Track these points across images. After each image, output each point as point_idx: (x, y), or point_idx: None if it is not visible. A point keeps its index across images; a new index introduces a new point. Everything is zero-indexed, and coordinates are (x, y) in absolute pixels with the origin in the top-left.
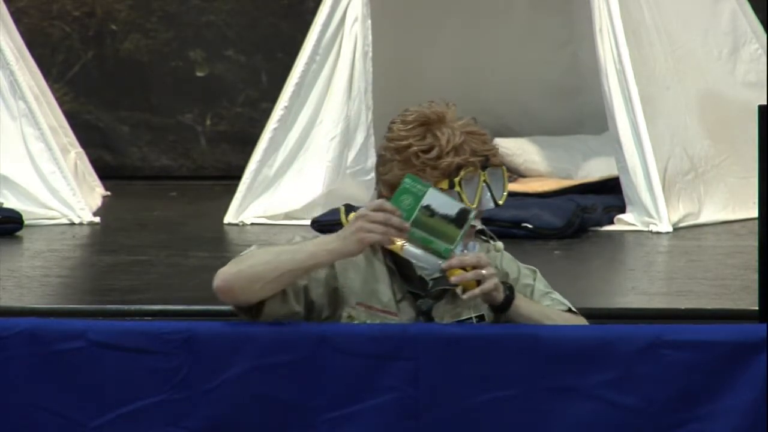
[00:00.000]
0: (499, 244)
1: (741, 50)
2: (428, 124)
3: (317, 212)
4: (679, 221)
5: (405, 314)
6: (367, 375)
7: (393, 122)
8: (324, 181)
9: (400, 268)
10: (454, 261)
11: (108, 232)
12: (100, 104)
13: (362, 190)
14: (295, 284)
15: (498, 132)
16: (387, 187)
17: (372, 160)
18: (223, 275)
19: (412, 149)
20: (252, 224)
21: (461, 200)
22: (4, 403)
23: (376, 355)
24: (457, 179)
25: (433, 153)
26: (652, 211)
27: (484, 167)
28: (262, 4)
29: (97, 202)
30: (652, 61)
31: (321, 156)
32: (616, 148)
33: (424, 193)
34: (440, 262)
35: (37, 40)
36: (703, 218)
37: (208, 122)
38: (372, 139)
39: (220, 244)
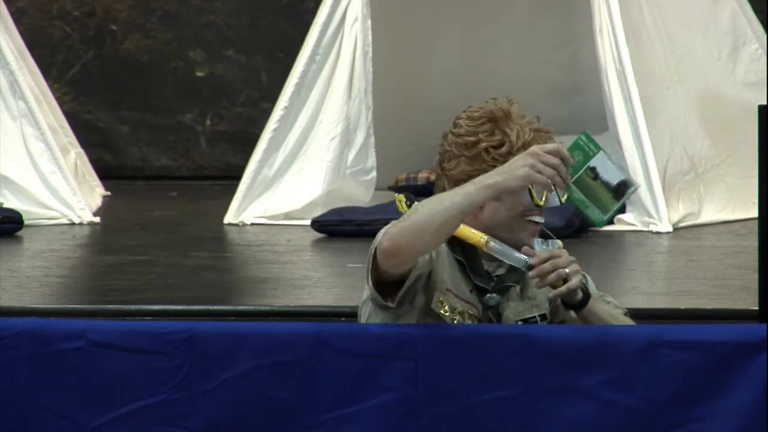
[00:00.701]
0: (559, 242)
1: (741, 50)
2: (495, 120)
3: (317, 212)
4: (679, 221)
5: (480, 306)
6: (367, 375)
7: (459, 118)
8: (324, 181)
9: (468, 261)
10: (545, 254)
11: (108, 232)
12: (100, 104)
13: (362, 190)
14: None
15: None
16: (451, 182)
17: (372, 160)
18: (389, 235)
19: (482, 145)
20: (252, 224)
21: (531, 197)
22: (4, 402)
23: (376, 355)
24: None
25: (504, 149)
26: (652, 211)
27: None
28: (262, 4)
29: (97, 202)
30: (652, 61)
31: (321, 156)
32: (616, 148)
33: (595, 154)
34: (525, 258)
35: (37, 40)
36: (703, 218)
37: (208, 122)
38: (372, 139)
39: (220, 244)
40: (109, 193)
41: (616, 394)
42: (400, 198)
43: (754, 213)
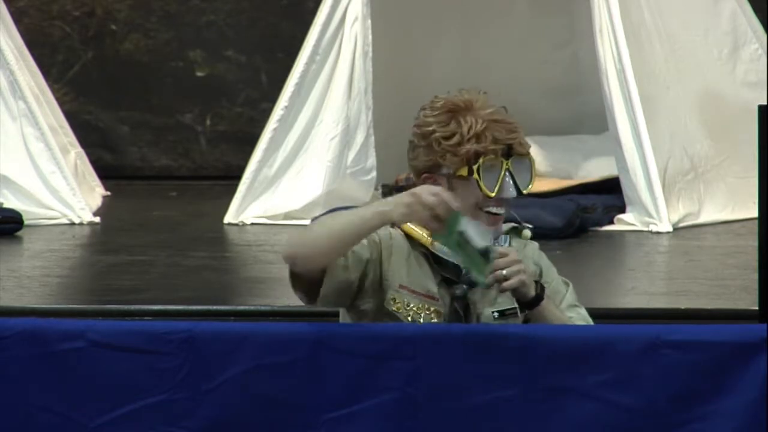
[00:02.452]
0: (527, 232)
1: (741, 50)
2: (455, 111)
3: (317, 212)
4: (679, 221)
5: (443, 300)
6: (367, 375)
7: (423, 108)
8: (324, 181)
9: (434, 254)
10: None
11: (108, 232)
12: (100, 104)
13: (362, 190)
14: (355, 254)
15: None
16: (415, 172)
17: (372, 160)
18: (290, 243)
19: (435, 135)
20: (252, 224)
21: (479, 187)
22: (4, 403)
23: (375, 356)
24: (475, 166)
25: (454, 140)
26: (652, 211)
27: (507, 156)
28: (261, 4)
29: (97, 202)
30: (652, 61)
31: (321, 156)
32: (616, 148)
33: (456, 218)
34: (483, 244)
35: (37, 40)
36: (703, 218)
37: (208, 122)
38: (372, 139)
39: (220, 244)
40: (109, 193)
41: (616, 394)
42: (376, 195)
43: (754, 213)
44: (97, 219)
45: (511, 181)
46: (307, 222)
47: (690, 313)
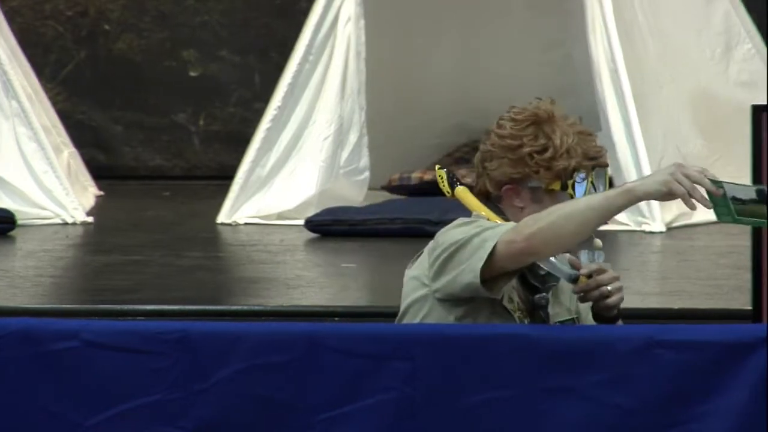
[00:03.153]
0: (598, 242)
1: (734, 50)
2: (539, 123)
3: (310, 212)
4: (672, 221)
5: (527, 306)
6: (364, 375)
7: (502, 119)
8: (317, 181)
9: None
10: (591, 268)
11: (101, 232)
12: (93, 104)
13: (355, 190)
14: None
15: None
16: (492, 182)
17: (365, 160)
18: (525, 236)
19: (525, 149)
20: (245, 224)
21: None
22: None
23: (372, 355)
24: (570, 181)
25: (548, 154)
26: (645, 211)
27: (592, 168)
28: (255, 5)
29: (91, 201)
30: (645, 61)
31: (314, 156)
32: (609, 148)
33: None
34: (570, 271)
35: (30, 40)
36: (696, 218)
37: (202, 122)
38: (365, 139)
39: (213, 244)
40: (102, 192)
41: (611, 394)
42: (441, 174)
43: None
44: (91, 219)
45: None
46: (300, 222)
47: (683, 313)
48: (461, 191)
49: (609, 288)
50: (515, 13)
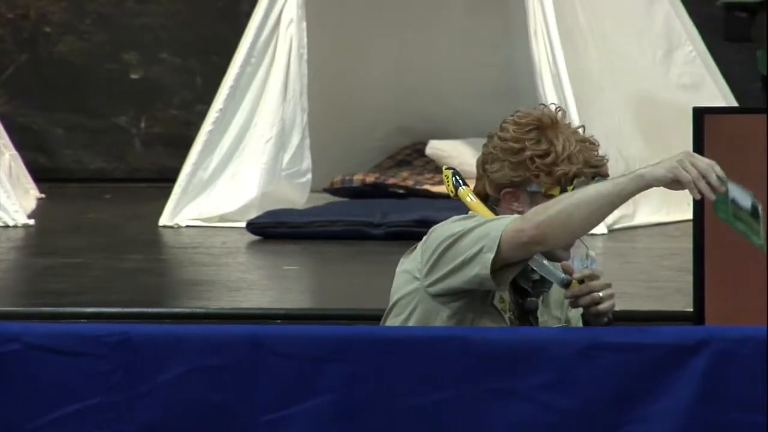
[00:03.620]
0: (592, 252)
1: (675, 52)
2: (542, 128)
3: (252, 214)
4: (614, 223)
5: (517, 311)
6: (303, 377)
7: (505, 122)
8: (259, 183)
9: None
10: (584, 274)
11: (42, 235)
12: (34, 107)
13: (297, 193)
14: None
15: (433, 134)
16: (492, 184)
17: (307, 163)
18: (534, 223)
19: (527, 153)
20: (187, 226)
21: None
22: None
23: (311, 358)
24: (570, 188)
25: (549, 159)
26: None
27: (593, 177)
28: (197, 7)
29: (32, 204)
30: (586, 64)
31: (256, 158)
32: None
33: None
34: (563, 275)
35: None
36: (637, 220)
37: (143, 125)
38: (307, 141)
39: (155, 247)
40: (43, 195)
41: (553, 396)
42: (447, 174)
43: (688, 215)
44: (32, 221)
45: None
46: (242, 224)
47: (625, 315)
48: (464, 192)
49: (601, 294)
50: (457, 15)
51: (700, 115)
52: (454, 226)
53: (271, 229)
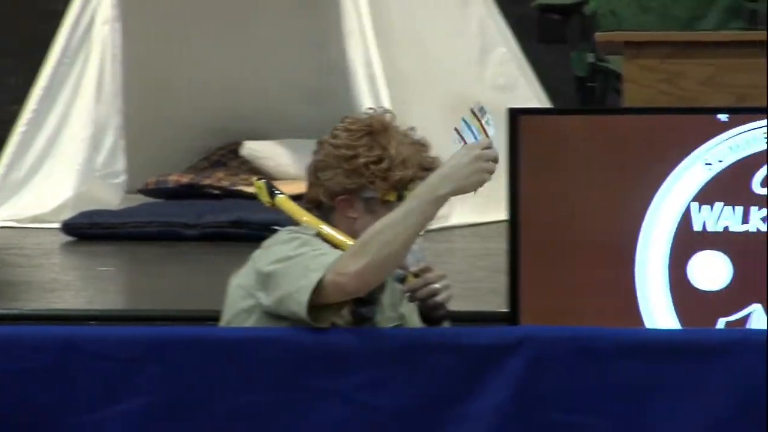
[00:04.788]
0: (416, 247)
1: (489, 54)
2: (373, 133)
3: (66, 215)
4: (430, 223)
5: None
6: (119, 378)
7: (336, 129)
8: (73, 184)
9: None
10: (412, 269)
11: None
12: None
13: (112, 193)
14: None
15: (249, 134)
16: (327, 192)
17: (121, 164)
18: (352, 275)
19: (361, 160)
20: (1, 227)
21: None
22: None
23: (127, 359)
24: (406, 192)
25: (384, 164)
26: None
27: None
28: (11, 6)
29: None
30: (402, 65)
31: (70, 159)
32: None
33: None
34: (398, 270)
35: None
36: (453, 221)
37: None
38: (122, 141)
39: None
40: None
41: (372, 396)
42: (260, 185)
43: (503, 215)
44: None
45: None
46: (56, 225)
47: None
48: (282, 200)
49: (437, 285)
50: (273, 16)
51: (514, 115)
52: (280, 251)
53: (86, 230)
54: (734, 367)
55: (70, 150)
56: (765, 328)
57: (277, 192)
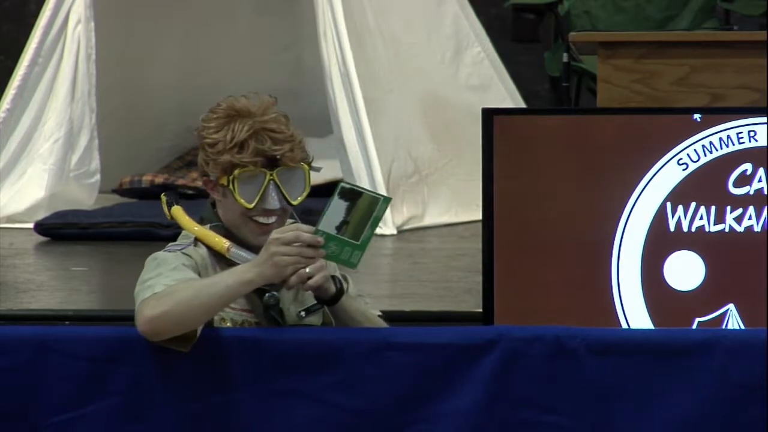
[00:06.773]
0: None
1: (464, 54)
2: (232, 116)
3: (40, 215)
4: (403, 224)
5: (257, 310)
6: (92, 378)
7: (210, 110)
8: (47, 183)
9: (233, 263)
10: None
11: None
12: None
13: (86, 193)
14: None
15: None
16: (200, 173)
17: (95, 163)
18: (147, 318)
19: (205, 141)
20: None
21: (234, 198)
22: None
23: (99, 359)
24: (231, 177)
25: (217, 148)
26: None
27: (273, 167)
28: None
29: None
30: (376, 64)
31: (44, 159)
32: (340, 151)
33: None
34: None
35: None
36: (427, 221)
37: None
38: (96, 141)
39: None
40: None
41: (342, 396)
42: (163, 199)
43: (477, 215)
44: None
45: (275, 193)
46: (30, 225)
47: (415, 315)
48: (176, 211)
49: (308, 270)
50: (246, 16)
51: (489, 115)
52: (145, 271)
53: (60, 230)
54: (708, 367)
55: (44, 150)
56: (738, 328)
57: (174, 204)
